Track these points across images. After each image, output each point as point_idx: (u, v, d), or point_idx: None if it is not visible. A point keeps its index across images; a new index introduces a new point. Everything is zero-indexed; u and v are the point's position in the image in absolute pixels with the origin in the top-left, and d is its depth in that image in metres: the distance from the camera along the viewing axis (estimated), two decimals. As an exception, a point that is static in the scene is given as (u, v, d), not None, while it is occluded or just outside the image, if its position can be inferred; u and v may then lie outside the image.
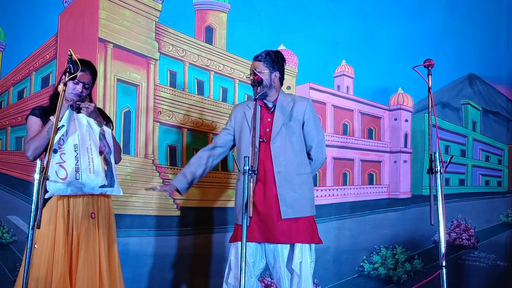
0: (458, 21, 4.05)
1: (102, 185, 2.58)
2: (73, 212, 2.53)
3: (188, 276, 3.74)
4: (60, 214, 2.50)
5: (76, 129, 2.57)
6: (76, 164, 2.52)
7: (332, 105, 4.03)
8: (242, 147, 2.81)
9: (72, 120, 2.58)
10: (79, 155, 2.53)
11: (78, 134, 2.55)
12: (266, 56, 2.78)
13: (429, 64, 2.38)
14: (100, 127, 2.65)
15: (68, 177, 2.47)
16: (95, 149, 2.59)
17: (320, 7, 3.98)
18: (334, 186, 3.97)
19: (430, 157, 2.25)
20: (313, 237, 2.73)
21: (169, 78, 3.86)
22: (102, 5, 3.74)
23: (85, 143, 2.57)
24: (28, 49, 3.85)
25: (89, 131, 2.60)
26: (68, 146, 2.53)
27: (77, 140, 2.54)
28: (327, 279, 3.82)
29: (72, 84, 2.59)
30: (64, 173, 2.48)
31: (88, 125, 2.61)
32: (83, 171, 2.52)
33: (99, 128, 2.64)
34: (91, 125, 2.62)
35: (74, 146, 2.53)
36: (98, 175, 2.56)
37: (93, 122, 2.63)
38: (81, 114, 2.60)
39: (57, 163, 2.48)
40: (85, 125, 2.60)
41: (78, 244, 2.51)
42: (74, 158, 2.52)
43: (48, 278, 2.41)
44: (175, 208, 3.76)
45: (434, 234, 3.88)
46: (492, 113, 4.10)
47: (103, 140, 2.65)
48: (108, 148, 2.65)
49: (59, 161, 2.49)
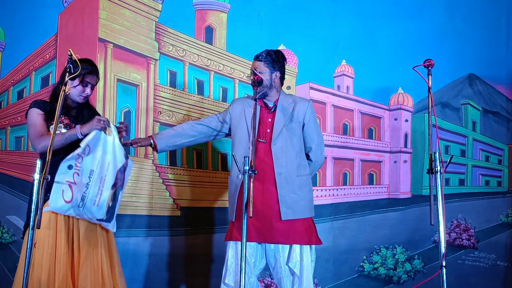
0: (458, 21, 4.05)
1: (100, 218, 2.47)
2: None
3: (188, 276, 3.74)
4: (61, 216, 2.49)
5: (98, 154, 2.44)
6: (84, 192, 2.39)
7: (332, 105, 4.03)
8: (236, 143, 2.80)
9: (98, 142, 2.43)
10: (90, 183, 2.40)
11: (98, 161, 2.42)
12: (266, 56, 2.78)
13: (429, 64, 2.38)
14: (125, 159, 2.50)
15: (72, 201, 2.37)
16: (109, 182, 2.45)
17: (320, 7, 3.98)
18: (334, 186, 3.97)
19: (430, 157, 2.25)
20: (311, 238, 2.73)
21: (169, 78, 3.86)
22: (102, 5, 3.74)
23: (102, 172, 2.43)
24: (28, 49, 3.85)
25: (112, 161, 2.45)
26: (84, 170, 2.39)
27: (95, 166, 2.41)
28: (327, 279, 3.82)
29: (80, 87, 2.57)
30: (69, 195, 2.36)
31: (113, 153, 2.46)
32: (88, 201, 2.41)
33: (124, 161, 2.49)
34: (116, 154, 2.47)
35: (90, 172, 2.40)
36: (101, 209, 2.45)
37: (120, 150, 2.48)
38: (110, 138, 2.48)
39: (67, 181, 2.36)
40: (109, 152, 2.45)
41: (79, 243, 2.51)
42: (84, 185, 2.39)
43: (51, 279, 2.41)
44: (175, 208, 3.76)
45: (434, 234, 3.88)
46: (492, 113, 4.10)
47: (122, 174, 2.50)
48: (121, 183, 2.52)
49: (70, 180, 2.36)
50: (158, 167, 3.79)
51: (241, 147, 2.75)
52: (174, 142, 2.88)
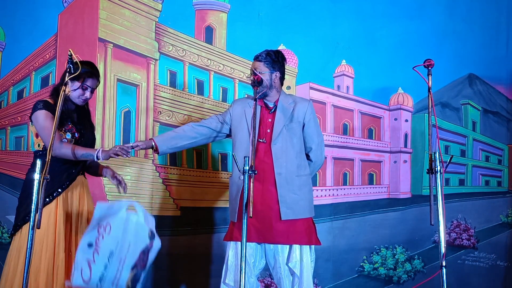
0: (458, 21, 4.05)
1: None
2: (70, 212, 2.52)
3: (188, 276, 3.74)
4: (61, 216, 2.49)
5: (119, 234, 2.31)
6: (103, 273, 2.28)
7: (332, 105, 4.03)
8: (237, 144, 2.80)
9: (120, 221, 2.32)
10: (109, 264, 2.28)
11: (118, 241, 2.29)
12: (266, 56, 2.77)
13: (429, 64, 2.38)
14: (150, 240, 2.34)
15: (90, 281, 2.27)
16: (129, 263, 2.30)
17: (320, 7, 3.98)
18: (334, 186, 3.97)
19: (430, 157, 2.25)
20: (311, 239, 2.73)
21: (169, 78, 3.86)
22: (102, 5, 3.74)
23: (122, 252, 2.29)
24: (28, 49, 3.85)
25: (133, 241, 2.31)
26: (103, 250, 2.28)
27: (115, 247, 2.29)
28: (327, 279, 3.82)
29: (80, 90, 2.55)
30: (88, 275, 2.27)
31: (136, 234, 2.32)
32: (106, 282, 2.28)
33: (148, 242, 2.34)
34: (139, 234, 2.33)
35: (109, 254, 2.28)
36: None
37: (144, 230, 2.33)
38: (133, 217, 2.33)
39: (87, 259, 2.27)
40: (131, 232, 2.32)
41: (76, 242, 2.52)
42: (103, 265, 2.28)
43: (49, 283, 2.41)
44: (175, 208, 3.76)
45: (434, 234, 3.88)
46: (492, 113, 4.10)
47: (145, 255, 2.34)
48: (144, 265, 2.35)
49: (90, 258, 2.28)
50: (158, 167, 3.79)
51: (242, 147, 2.75)
52: (175, 144, 2.87)
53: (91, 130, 2.72)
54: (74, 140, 2.56)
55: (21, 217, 2.50)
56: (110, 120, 3.73)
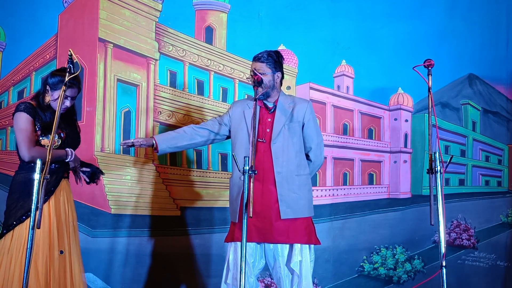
0: (458, 21, 4.05)
1: None
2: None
3: (188, 276, 3.74)
4: (54, 216, 2.51)
5: None
6: None
7: (332, 105, 4.03)
8: (237, 145, 2.80)
9: None
10: None
11: None
12: (268, 57, 2.77)
13: (429, 64, 2.37)
14: None
15: None
16: None
17: (320, 7, 3.98)
18: (334, 186, 3.97)
19: (430, 157, 2.25)
20: (310, 238, 2.73)
21: (169, 78, 3.86)
22: (102, 5, 3.74)
23: None
24: (28, 49, 3.85)
25: None
26: None
27: None
28: (327, 279, 3.82)
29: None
30: None
31: None
32: None
33: None
34: None
35: None
36: None
37: None
38: None
39: None
40: None
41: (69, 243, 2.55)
42: None
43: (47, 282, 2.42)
44: (175, 208, 3.76)
45: (434, 234, 3.88)
46: (492, 113, 4.10)
47: None
48: None
49: None
50: (158, 167, 3.79)
51: (242, 148, 2.75)
52: (175, 143, 2.88)
53: (74, 127, 2.76)
54: (61, 140, 2.62)
55: (17, 216, 2.49)
56: (110, 120, 3.73)
